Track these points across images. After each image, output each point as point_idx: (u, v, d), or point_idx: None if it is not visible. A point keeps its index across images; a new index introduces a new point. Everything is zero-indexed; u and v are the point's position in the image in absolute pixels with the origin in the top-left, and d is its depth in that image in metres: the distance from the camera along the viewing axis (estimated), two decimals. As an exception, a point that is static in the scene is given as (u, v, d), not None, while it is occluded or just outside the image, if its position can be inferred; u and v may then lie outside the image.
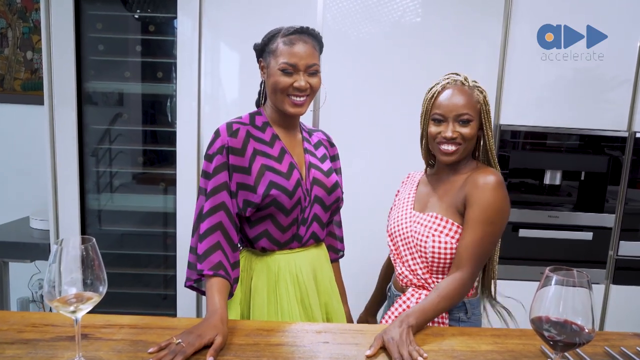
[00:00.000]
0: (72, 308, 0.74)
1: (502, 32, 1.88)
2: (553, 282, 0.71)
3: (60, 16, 1.82)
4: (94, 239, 0.77)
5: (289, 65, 1.10)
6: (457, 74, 1.15)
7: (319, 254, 1.23)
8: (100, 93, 2.04)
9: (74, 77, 1.87)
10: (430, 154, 1.22)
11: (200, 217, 1.11)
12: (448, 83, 1.13)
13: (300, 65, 1.10)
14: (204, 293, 1.11)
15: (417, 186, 1.24)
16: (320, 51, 1.18)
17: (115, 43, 2.02)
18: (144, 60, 2.04)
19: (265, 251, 1.16)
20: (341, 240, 1.40)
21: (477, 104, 1.11)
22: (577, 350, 0.92)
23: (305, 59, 1.11)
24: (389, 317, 1.15)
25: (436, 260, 1.10)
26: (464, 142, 1.09)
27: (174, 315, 2.01)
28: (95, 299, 0.77)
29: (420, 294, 1.13)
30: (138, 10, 1.98)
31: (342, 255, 1.40)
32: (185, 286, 1.16)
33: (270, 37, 1.13)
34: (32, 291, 2.58)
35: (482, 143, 1.15)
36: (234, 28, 1.85)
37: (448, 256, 1.09)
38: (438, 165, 1.21)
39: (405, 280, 1.17)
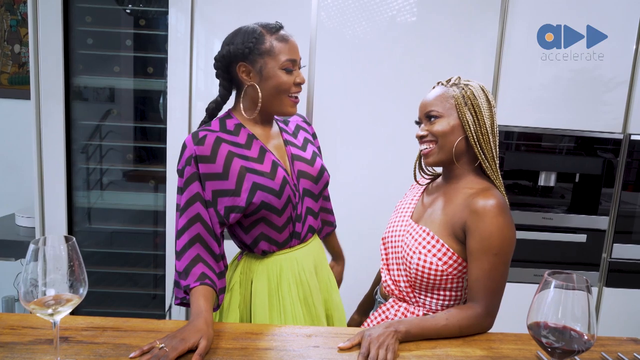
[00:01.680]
0: (50, 311, 0.71)
1: (498, 32, 1.87)
2: (552, 286, 0.68)
3: (48, 9, 1.77)
4: (74, 238, 0.73)
5: (291, 62, 1.06)
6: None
7: (318, 245, 1.23)
8: (89, 88, 2.00)
9: (62, 71, 1.82)
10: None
11: (177, 235, 1.07)
12: (432, 87, 1.11)
13: (298, 60, 1.09)
14: None
15: (422, 193, 1.18)
16: None
17: (105, 37, 1.98)
18: (134, 55, 2.00)
19: (265, 254, 1.12)
20: (332, 212, 1.40)
21: (450, 99, 1.03)
22: (575, 357, 0.90)
23: (299, 53, 1.09)
24: (370, 322, 1.13)
25: (419, 277, 1.03)
26: (436, 139, 1.03)
27: (163, 314, 1.97)
28: (75, 300, 0.73)
29: (400, 306, 1.09)
30: (130, 5, 1.94)
31: (336, 226, 1.42)
32: (175, 304, 1.11)
33: (257, 39, 1.05)
34: (18, 290, 2.53)
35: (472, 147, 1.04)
36: (226, 23, 1.80)
37: (432, 276, 1.02)
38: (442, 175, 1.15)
39: (388, 289, 1.13)
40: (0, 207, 2.29)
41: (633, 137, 1.95)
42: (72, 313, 0.76)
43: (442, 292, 1.05)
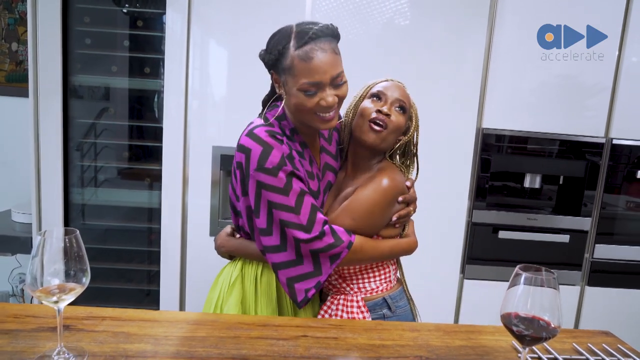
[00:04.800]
0: (54, 298, 0.75)
1: (486, 38, 1.93)
2: (522, 280, 0.74)
3: (47, 8, 1.81)
4: (78, 231, 0.78)
5: (312, 85, 0.96)
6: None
7: None
8: (87, 87, 2.04)
9: (60, 70, 1.86)
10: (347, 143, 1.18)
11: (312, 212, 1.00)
12: (390, 79, 1.16)
13: (325, 80, 0.96)
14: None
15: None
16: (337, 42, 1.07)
17: (103, 37, 2.02)
18: (131, 55, 2.04)
19: None
20: None
21: (412, 107, 1.14)
22: (547, 346, 0.96)
23: (329, 72, 0.96)
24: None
25: (344, 270, 1.11)
26: (387, 126, 1.07)
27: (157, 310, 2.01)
28: (78, 289, 0.78)
29: (338, 300, 1.13)
30: (127, 5, 1.98)
31: None
32: (303, 301, 1.04)
33: (281, 52, 0.97)
34: (13, 285, 2.56)
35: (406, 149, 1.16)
36: (223, 24, 1.86)
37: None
38: (350, 159, 1.17)
39: (326, 285, 1.17)
40: (-3, 202, 2.32)
41: (615, 142, 2.02)
42: (69, 305, 0.80)
43: (370, 272, 1.12)
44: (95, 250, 2.12)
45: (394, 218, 1.10)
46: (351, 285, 1.13)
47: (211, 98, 1.92)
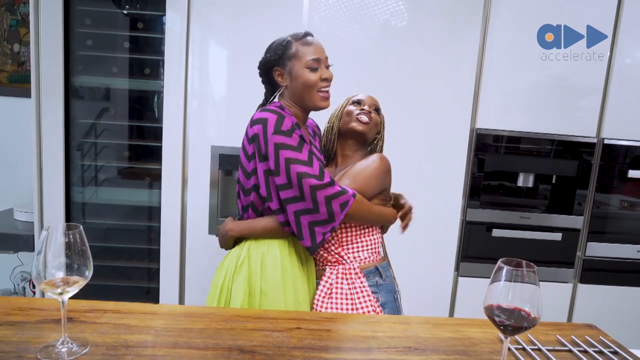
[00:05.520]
0: (59, 290, 0.79)
1: (480, 37, 1.96)
2: (504, 273, 0.78)
3: (49, 11, 1.85)
4: (81, 226, 0.82)
5: (315, 61, 1.22)
6: None
7: None
8: (88, 88, 2.07)
9: (62, 71, 1.90)
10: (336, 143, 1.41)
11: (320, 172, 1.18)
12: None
13: (322, 57, 1.24)
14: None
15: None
16: None
17: (104, 39, 2.05)
18: (131, 56, 2.08)
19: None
20: None
21: (380, 110, 1.41)
22: (531, 338, 0.99)
23: (324, 53, 1.26)
24: (317, 300, 1.25)
25: (344, 232, 1.27)
26: (370, 122, 1.34)
27: (157, 307, 2.05)
28: (81, 282, 0.81)
29: (337, 270, 1.27)
30: (127, 7, 2.02)
31: None
32: (320, 242, 1.20)
33: (285, 46, 1.25)
34: (15, 283, 2.59)
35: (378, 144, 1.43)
36: (222, 25, 1.90)
37: (355, 230, 1.28)
38: (339, 153, 1.40)
39: (322, 260, 1.30)
40: (-1, 201, 2.35)
41: (606, 141, 2.06)
42: (72, 299, 0.84)
43: (365, 238, 1.29)
44: (96, 248, 2.15)
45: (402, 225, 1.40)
46: (348, 255, 1.28)
47: (210, 98, 1.96)
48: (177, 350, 0.85)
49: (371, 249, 1.31)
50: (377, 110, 1.38)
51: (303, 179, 1.16)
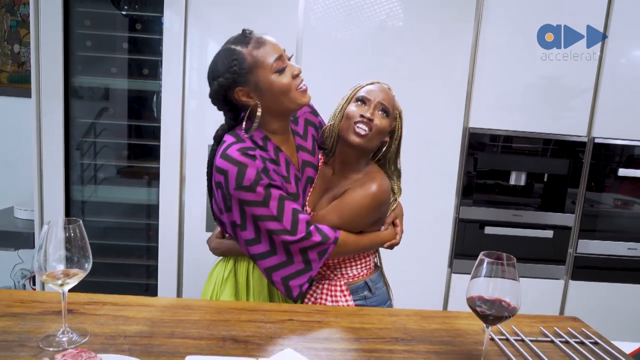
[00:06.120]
0: (59, 282, 0.83)
1: (472, 38, 2.00)
2: (485, 264, 0.81)
3: (49, 12, 1.88)
4: (81, 221, 0.85)
5: (279, 60, 1.06)
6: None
7: None
8: (87, 88, 2.11)
9: (62, 71, 1.93)
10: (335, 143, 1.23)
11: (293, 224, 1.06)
12: (377, 82, 1.22)
13: (283, 53, 1.08)
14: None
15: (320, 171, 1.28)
16: None
17: (103, 40, 2.09)
18: (130, 57, 2.11)
19: None
20: None
21: (396, 109, 1.20)
22: (515, 329, 1.03)
23: (279, 46, 1.08)
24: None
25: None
26: (372, 128, 1.13)
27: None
28: (81, 274, 0.85)
29: (323, 285, 1.22)
30: (125, 7, 2.05)
31: None
32: (298, 295, 1.11)
33: (237, 59, 1.05)
34: (15, 281, 2.63)
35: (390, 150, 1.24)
36: (219, 25, 1.93)
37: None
38: (338, 158, 1.22)
39: None
40: (0, 200, 2.38)
41: (597, 141, 2.10)
42: (72, 292, 0.88)
43: (352, 261, 1.20)
44: (95, 246, 2.15)
45: (386, 246, 1.24)
46: (335, 272, 1.22)
47: (208, 98, 1.99)
48: (173, 340, 0.89)
49: (362, 265, 1.22)
50: (385, 111, 1.15)
51: (274, 236, 1.06)
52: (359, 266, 1.22)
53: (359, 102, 1.16)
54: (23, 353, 0.81)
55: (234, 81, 1.06)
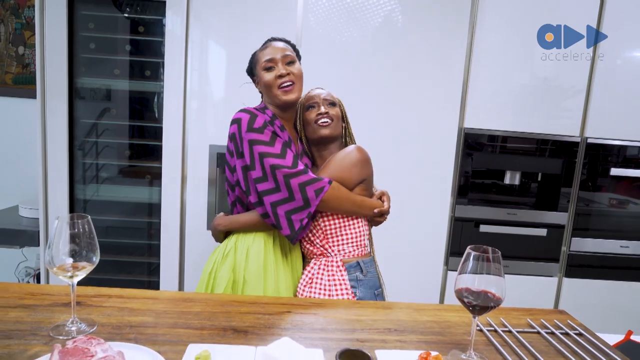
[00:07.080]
0: (69, 274, 0.87)
1: (467, 40, 2.04)
2: (471, 258, 0.86)
3: (54, 15, 1.93)
4: (89, 217, 0.90)
5: (269, 61, 1.32)
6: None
7: None
8: (90, 89, 2.15)
9: (66, 73, 1.98)
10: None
11: (293, 165, 1.25)
12: (311, 90, 1.43)
13: (277, 58, 1.32)
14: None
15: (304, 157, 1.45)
16: (295, 49, 1.40)
17: (106, 42, 2.13)
18: (132, 59, 2.16)
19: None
20: None
21: (335, 98, 1.41)
22: (503, 321, 1.08)
23: (279, 52, 1.33)
24: (299, 288, 1.32)
25: (328, 223, 1.32)
26: (332, 119, 1.36)
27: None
28: (89, 267, 0.89)
29: (320, 261, 1.32)
30: (127, 9, 2.10)
31: None
32: (299, 229, 1.26)
33: (252, 57, 1.39)
34: (19, 278, 2.67)
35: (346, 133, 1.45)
36: (220, 28, 1.98)
37: (339, 221, 1.32)
38: (319, 160, 1.42)
39: (308, 253, 1.37)
40: (5, 198, 2.43)
41: (589, 141, 2.14)
42: (80, 285, 0.92)
43: (350, 231, 1.32)
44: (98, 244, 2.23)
45: (376, 212, 1.35)
46: (332, 247, 1.33)
47: (209, 99, 2.04)
48: (176, 330, 0.93)
49: (356, 242, 1.33)
50: (332, 103, 1.39)
51: (276, 170, 1.24)
52: (353, 242, 1.33)
53: (310, 108, 1.39)
54: (35, 341, 0.85)
55: (250, 71, 1.41)
